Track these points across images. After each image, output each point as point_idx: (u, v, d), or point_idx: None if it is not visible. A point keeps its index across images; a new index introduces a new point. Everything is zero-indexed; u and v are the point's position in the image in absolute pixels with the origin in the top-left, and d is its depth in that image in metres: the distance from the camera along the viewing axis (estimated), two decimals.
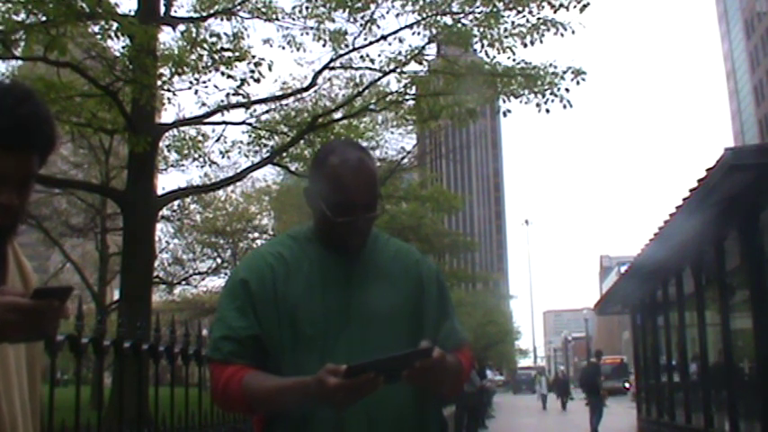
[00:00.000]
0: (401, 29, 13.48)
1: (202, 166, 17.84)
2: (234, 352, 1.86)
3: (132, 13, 11.76)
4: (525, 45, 12.86)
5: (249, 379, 1.82)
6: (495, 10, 12.86)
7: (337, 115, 15.22)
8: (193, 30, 12.25)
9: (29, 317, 1.31)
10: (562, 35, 12.76)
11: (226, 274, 26.22)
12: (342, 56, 14.01)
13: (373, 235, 2.01)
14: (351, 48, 13.79)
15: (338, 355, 1.80)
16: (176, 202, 22.66)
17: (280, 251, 1.98)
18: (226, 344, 1.87)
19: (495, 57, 13.32)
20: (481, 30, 13.06)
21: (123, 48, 11.14)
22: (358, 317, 1.90)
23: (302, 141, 14.93)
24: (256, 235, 26.95)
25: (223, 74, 11.67)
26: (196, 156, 17.21)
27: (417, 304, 1.98)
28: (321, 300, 1.90)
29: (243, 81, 12.07)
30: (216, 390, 1.90)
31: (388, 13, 13.44)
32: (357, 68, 14.58)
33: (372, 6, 13.18)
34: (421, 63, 14.11)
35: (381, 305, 1.92)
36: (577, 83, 13.00)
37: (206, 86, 12.48)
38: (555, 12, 12.64)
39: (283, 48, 14.29)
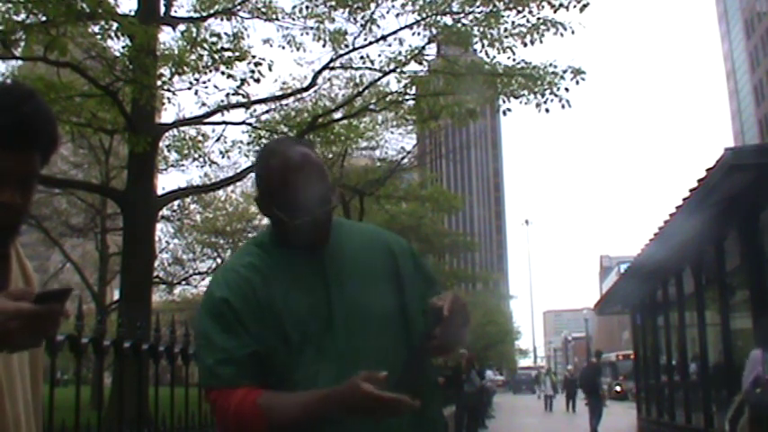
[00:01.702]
0: (401, 29, 13.50)
1: (202, 166, 17.86)
2: (237, 374, 1.76)
3: (132, 13, 11.77)
4: (525, 45, 12.88)
5: (265, 401, 1.73)
6: (495, 10, 12.88)
7: (337, 115, 15.24)
8: (193, 30, 12.25)
9: (32, 322, 1.31)
10: (562, 35, 12.78)
11: None
12: (342, 56, 14.02)
13: (335, 223, 1.94)
14: (351, 48, 13.82)
15: (330, 356, 1.79)
16: (176, 202, 22.69)
17: (250, 261, 1.88)
18: (225, 368, 1.76)
19: (495, 57, 13.36)
20: (481, 30, 13.07)
21: (123, 48, 11.16)
22: (342, 314, 1.85)
23: None
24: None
25: (223, 74, 11.67)
26: (196, 156, 17.25)
27: (397, 284, 1.94)
28: (302, 305, 1.83)
29: (243, 81, 12.08)
30: (225, 417, 1.76)
31: (388, 12, 13.48)
32: (357, 68, 14.60)
33: (372, 6, 13.20)
34: (421, 63, 14.13)
35: (362, 297, 1.88)
36: (577, 82, 13.02)
37: (206, 86, 12.49)
38: (555, 12, 12.67)
39: (283, 48, 14.33)
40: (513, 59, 13.18)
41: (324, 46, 13.82)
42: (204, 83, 12.31)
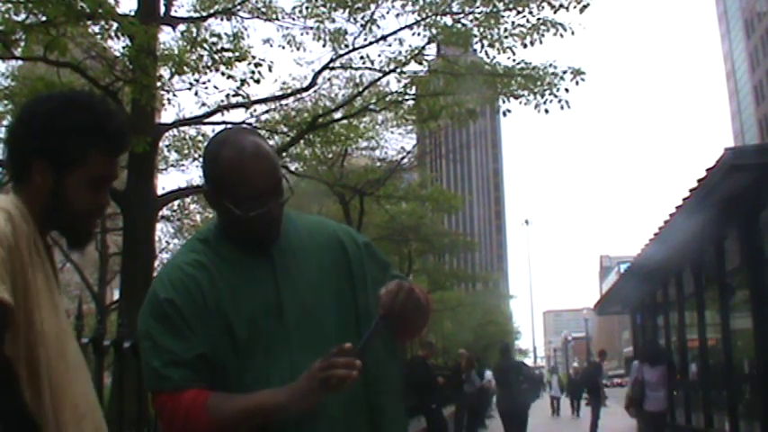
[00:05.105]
0: (401, 29, 13.50)
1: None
2: (186, 377, 1.69)
3: (132, 13, 11.77)
4: (525, 45, 12.87)
5: (215, 402, 1.68)
6: (495, 10, 12.87)
7: (337, 115, 15.24)
8: (193, 30, 12.26)
9: None
10: (562, 36, 12.77)
11: None
12: (342, 56, 14.02)
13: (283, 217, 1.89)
14: (351, 48, 13.81)
15: (282, 357, 1.74)
16: (176, 202, 22.66)
17: (196, 258, 1.81)
18: (174, 370, 1.69)
19: (495, 57, 13.35)
20: (481, 30, 13.06)
21: (123, 48, 11.15)
22: (293, 313, 1.79)
23: (302, 141, 14.93)
24: None
25: (223, 74, 11.65)
26: (196, 156, 17.25)
27: (348, 280, 1.89)
28: (250, 304, 1.77)
29: (243, 81, 12.06)
30: (175, 422, 1.69)
31: (388, 13, 13.47)
32: (357, 68, 14.60)
33: (372, 6, 13.19)
34: (421, 63, 14.12)
35: (313, 296, 1.82)
36: (577, 83, 13.01)
37: (206, 87, 12.48)
38: (555, 12, 12.65)
39: (283, 48, 14.33)
40: (513, 60, 13.19)
41: (324, 46, 13.83)
42: (204, 83, 12.30)
